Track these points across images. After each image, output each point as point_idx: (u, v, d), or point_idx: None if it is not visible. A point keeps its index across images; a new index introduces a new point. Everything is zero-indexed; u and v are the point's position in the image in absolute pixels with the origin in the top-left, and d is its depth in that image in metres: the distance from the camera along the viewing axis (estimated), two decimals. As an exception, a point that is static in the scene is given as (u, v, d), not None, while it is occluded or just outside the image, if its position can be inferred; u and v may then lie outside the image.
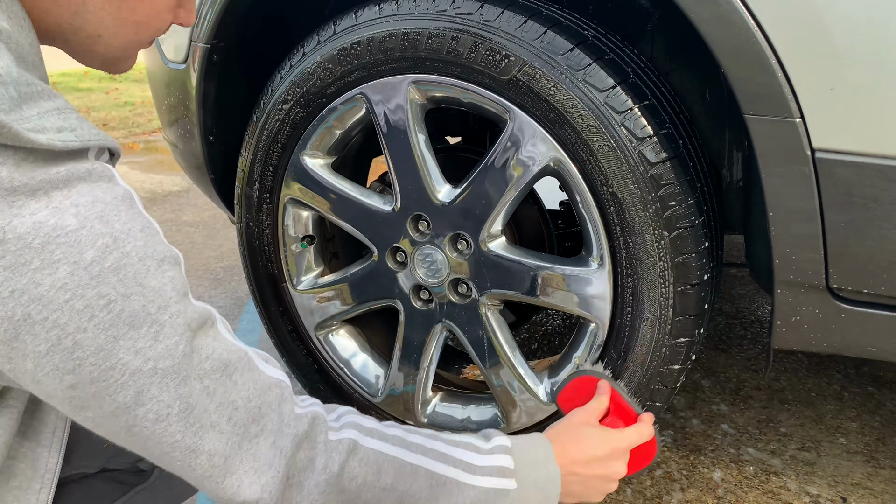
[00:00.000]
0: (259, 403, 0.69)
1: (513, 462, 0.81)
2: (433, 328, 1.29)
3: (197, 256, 2.68)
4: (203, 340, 0.66)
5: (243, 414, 0.68)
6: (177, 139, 1.53)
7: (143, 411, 0.62)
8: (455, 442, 0.81)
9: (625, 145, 1.03)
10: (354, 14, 1.18)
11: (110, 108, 6.08)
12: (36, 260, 0.56)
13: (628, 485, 1.37)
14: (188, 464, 0.65)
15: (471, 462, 0.79)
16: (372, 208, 1.26)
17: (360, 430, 0.76)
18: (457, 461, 0.79)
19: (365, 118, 1.24)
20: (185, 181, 3.67)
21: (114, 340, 0.59)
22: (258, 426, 0.69)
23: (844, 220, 0.94)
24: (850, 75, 0.89)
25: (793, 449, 1.47)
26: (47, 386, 0.60)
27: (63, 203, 0.57)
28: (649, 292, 1.08)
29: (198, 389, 0.64)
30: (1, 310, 0.56)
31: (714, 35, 0.93)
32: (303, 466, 0.71)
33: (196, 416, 0.64)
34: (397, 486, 0.75)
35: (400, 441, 0.78)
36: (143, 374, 0.61)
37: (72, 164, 0.59)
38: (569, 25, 1.07)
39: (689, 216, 1.05)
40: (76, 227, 0.57)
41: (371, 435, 0.76)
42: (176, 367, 0.63)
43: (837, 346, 1.04)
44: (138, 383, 0.61)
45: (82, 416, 0.63)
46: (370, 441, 0.75)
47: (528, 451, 0.84)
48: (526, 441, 0.86)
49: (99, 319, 0.58)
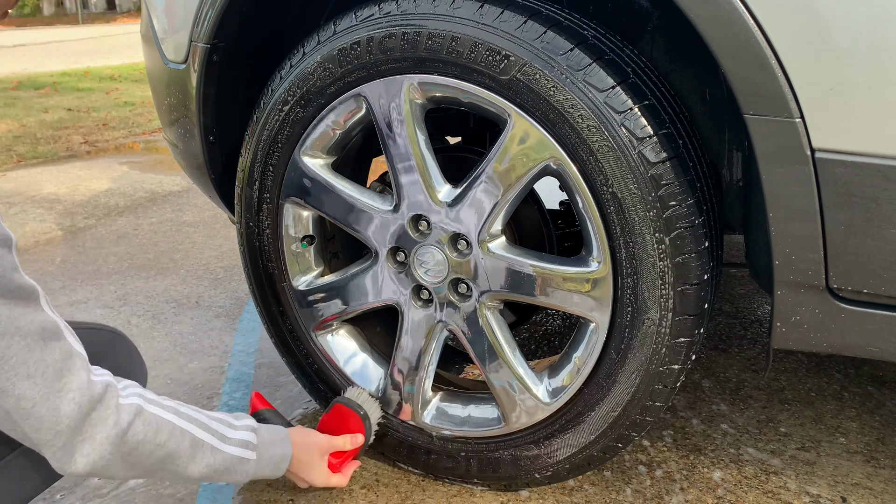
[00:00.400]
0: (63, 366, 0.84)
1: (256, 438, 1.06)
2: (433, 328, 1.29)
3: (197, 256, 2.68)
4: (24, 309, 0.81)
5: (52, 372, 0.83)
6: (177, 139, 1.53)
7: None
8: (213, 417, 1.02)
9: (625, 145, 1.03)
10: (354, 14, 1.18)
11: (110, 108, 6.08)
12: None
13: (628, 485, 1.37)
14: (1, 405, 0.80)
15: (223, 433, 1.01)
16: (372, 208, 1.26)
17: (143, 399, 0.93)
18: (213, 431, 1.00)
19: (365, 118, 1.24)
20: (185, 181, 3.67)
21: None
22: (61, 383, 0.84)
23: (844, 220, 0.94)
24: (850, 75, 0.89)
25: (793, 449, 1.47)
26: None
27: None
28: (649, 292, 1.08)
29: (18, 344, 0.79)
30: None
31: (714, 35, 0.93)
32: (96, 422, 0.86)
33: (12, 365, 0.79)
34: (168, 444, 0.93)
35: (174, 410, 0.96)
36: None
37: None
38: (568, 25, 1.07)
39: (689, 216, 1.05)
40: None
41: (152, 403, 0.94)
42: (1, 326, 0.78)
43: (837, 346, 1.04)
44: None
45: None
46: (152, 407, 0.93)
47: (270, 433, 1.11)
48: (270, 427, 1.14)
49: None
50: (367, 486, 1.39)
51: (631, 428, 1.20)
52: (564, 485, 1.38)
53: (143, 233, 2.95)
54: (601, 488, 1.37)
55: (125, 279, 2.47)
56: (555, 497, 1.35)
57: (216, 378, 1.82)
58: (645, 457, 1.45)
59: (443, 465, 1.36)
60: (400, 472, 1.43)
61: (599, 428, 1.21)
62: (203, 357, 1.93)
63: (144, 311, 2.22)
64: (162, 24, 1.47)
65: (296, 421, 1.62)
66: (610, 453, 1.24)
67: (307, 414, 1.64)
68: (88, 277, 2.49)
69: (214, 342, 2.01)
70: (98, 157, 4.38)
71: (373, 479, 1.41)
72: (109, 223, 3.08)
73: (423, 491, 1.38)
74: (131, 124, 5.35)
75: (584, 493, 1.36)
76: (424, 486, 1.39)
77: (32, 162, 4.22)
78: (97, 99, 6.57)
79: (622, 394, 1.16)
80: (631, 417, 1.18)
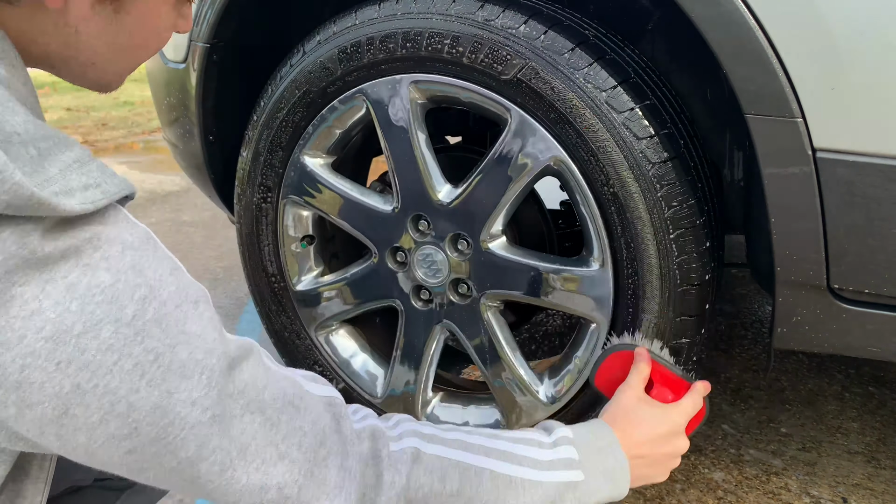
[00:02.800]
0: (322, 426, 0.67)
1: (577, 453, 0.79)
2: (433, 328, 1.28)
3: (197, 256, 2.67)
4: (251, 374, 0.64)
5: (311, 439, 0.66)
6: (177, 139, 1.53)
7: (206, 465, 0.59)
8: (516, 439, 0.79)
9: (626, 145, 1.03)
10: (354, 14, 1.18)
11: (110, 107, 6.08)
12: (77, 325, 0.52)
13: (629, 485, 1.37)
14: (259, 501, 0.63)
15: (535, 458, 0.77)
16: (372, 208, 1.26)
17: (420, 437, 0.74)
18: (521, 458, 0.76)
19: (365, 118, 1.23)
20: (185, 181, 3.66)
21: (168, 395, 0.56)
22: (325, 450, 0.67)
23: (845, 220, 0.94)
24: (851, 75, 0.89)
25: (794, 449, 1.47)
26: (103, 455, 0.56)
27: (92, 259, 0.54)
28: (650, 293, 1.08)
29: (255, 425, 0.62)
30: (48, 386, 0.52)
31: (715, 35, 0.93)
32: (372, 484, 0.69)
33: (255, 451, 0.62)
34: (463, 490, 0.72)
35: (461, 444, 0.76)
36: (202, 426, 0.58)
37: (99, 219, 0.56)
38: (570, 25, 1.07)
39: (690, 216, 1.05)
40: (111, 281, 0.54)
41: (432, 441, 0.74)
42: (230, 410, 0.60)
43: (838, 347, 1.04)
44: (199, 435, 0.58)
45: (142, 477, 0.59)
46: (431, 447, 0.73)
47: (592, 440, 0.82)
48: (587, 429, 0.83)
49: (151, 376, 0.55)
50: (367, 487, 1.39)
51: (632, 428, 1.19)
52: (565, 485, 1.37)
53: (143, 233, 2.94)
54: (602, 489, 1.36)
55: (125, 279, 2.46)
56: (555, 498, 1.34)
57: (216, 378, 1.81)
58: (645, 457, 1.45)
59: (443, 465, 1.36)
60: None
61: (600, 428, 1.20)
62: (203, 357, 1.92)
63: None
64: (162, 24, 1.47)
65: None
66: (610, 454, 1.24)
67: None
68: (88, 277, 2.48)
69: (214, 342, 2.00)
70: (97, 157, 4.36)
71: (373, 479, 1.41)
72: (109, 223, 3.07)
73: (423, 491, 1.37)
74: (131, 124, 5.35)
75: (584, 493, 1.35)
76: (425, 487, 1.38)
77: (32, 162, 4.21)
78: (97, 99, 6.57)
79: (623, 394, 1.16)
80: (632, 418, 1.18)
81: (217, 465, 0.60)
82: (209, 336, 0.60)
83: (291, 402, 0.66)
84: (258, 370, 0.64)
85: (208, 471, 0.59)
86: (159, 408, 0.55)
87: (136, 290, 0.55)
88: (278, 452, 0.63)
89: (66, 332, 0.52)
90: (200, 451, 0.58)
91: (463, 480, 0.72)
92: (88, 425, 0.54)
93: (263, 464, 0.62)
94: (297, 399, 0.67)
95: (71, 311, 0.52)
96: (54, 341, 0.51)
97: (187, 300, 0.59)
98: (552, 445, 0.80)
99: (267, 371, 0.66)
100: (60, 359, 0.52)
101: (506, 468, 0.75)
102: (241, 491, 0.62)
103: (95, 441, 0.55)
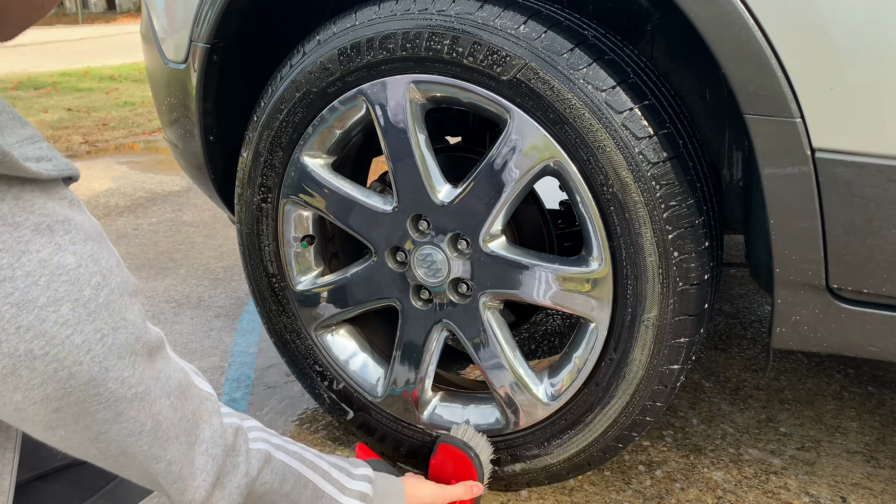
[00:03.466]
0: (199, 416, 0.78)
1: (372, 490, 1.00)
2: (433, 328, 1.29)
3: (197, 256, 2.68)
4: (163, 363, 0.73)
5: (193, 426, 0.77)
6: (177, 139, 1.53)
7: (117, 427, 0.68)
8: (333, 463, 0.98)
9: (625, 145, 1.03)
10: (354, 14, 1.18)
11: (110, 108, 6.08)
12: (42, 298, 0.59)
13: (628, 485, 1.37)
14: (147, 469, 0.73)
15: (343, 483, 0.97)
16: (372, 208, 1.26)
17: (270, 445, 0.89)
18: (334, 480, 0.96)
19: (365, 118, 1.24)
20: (185, 181, 3.67)
21: (104, 371, 0.64)
22: (201, 436, 0.78)
23: (844, 220, 0.94)
24: (850, 75, 0.89)
25: (793, 449, 1.47)
26: (30, 412, 0.62)
27: (63, 240, 0.60)
28: (649, 292, 1.08)
29: (166, 407, 0.72)
30: (5, 346, 0.58)
31: (714, 35, 0.93)
32: (228, 471, 0.81)
33: (164, 430, 0.72)
34: (292, 493, 0.89)
35: (299, 456, 0.92)
36: (125, 400, 0.67)
37: (59, 196, 0.62)
38: (569, 25, 1.07)
39: (689, 216, 1.05)
40: (75, 265, 0.61)
41: (279, 449, 0.90)
42: (148, 391, 0.69)
43: (837, 346, 1.04)
44: (119, 407, 0.66)
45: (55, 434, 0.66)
46: (279, 454, 0.89)
47: (385, 485, 1.05)
48: (385, 477, 1.07)
49: (94, 353, 0.62)
50: (367, 486, 1.39)
51: (631, 428, 1.20)
52: (564, 485, 1.38)
53: (143, 233, 2.95)
54: (601, 488, 1.37)
55: (125, 279, 2.47)
56: (555, 497, 1.35)
57: (216, 378, 1.82)
58: (645, 457, 1.45)
59: (443, 465, 1.37)
60: (400, 472, 1.43)
61: (599, 428, 1.21)
62: (203, 357, 1.93)
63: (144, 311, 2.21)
64: (162, 24, 1.47)
65: (294, 423, 1.62)
66: (610, 453, 1.24)
67: (307, 414, 1.64)
68: (88, 277, 2.49)
69: (214, 342, 2.01)
70: (98, 157, 4.38)
71: (373, 479, 1.41)
72: (109, 223, 3.08)
73: (423, 491, 1.38)
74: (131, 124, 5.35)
75: (584, 492, 1.36)
76: (424, 486, 1.39)
77: (32, 162, 4.21)
78: (97, 99, 6.57)
79: (622, 394, 1.16)
80: (631, 417, 1.18)
81: (126, 430, 0.69)
82: (139, 325, 0.68)
83: (186, 390, 0.76)
84: (168, 359, 0.74)
85: (118, 432, 0.68)
86: (94, 380, 0.63)
87: (93, 276, 0.62)
88: (175, 433, 0.74)
89: (31, 303, 0.58)
90: (117, 418, 0.67)
91: (295, 485, 0.89)
92: (29, 386, 0.60)
93: (166, 441, 0.73)
94: (188, 389, 0.76)
95: (39, 284, 0.58)
96: (18, 307, 0.57)
97: (127, 291, 0.67)
98: (356, 477, 1.00)
99: (172, 361, 0.76)
100: (21, 324, 0.58)
101: (323, 484, 0.93)
102: (137, 454, 0.71)
103: (30, 400, 0.61)
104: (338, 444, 1.53)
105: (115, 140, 4.85)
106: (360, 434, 1.45)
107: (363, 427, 1.43)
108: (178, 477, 0.76)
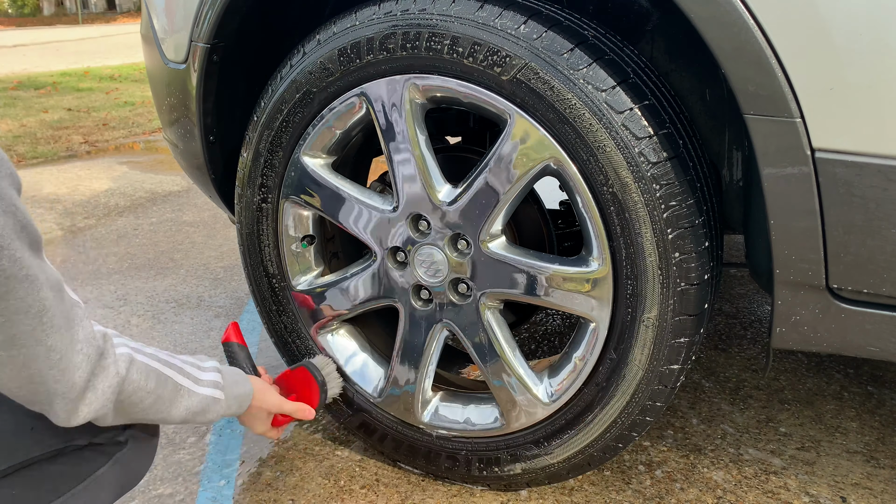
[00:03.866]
0: (73, 316, 0.85)
1: (222, 379, 1.10)
2: (433, 328, 1.29)
3: (197, 256, 2.68)
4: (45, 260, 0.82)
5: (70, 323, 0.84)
6: (177, 139, 1.53)
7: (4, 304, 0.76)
8: (185, 360, 1.07)
9: (625, 145, 1.03)
10: (354, 14, 1.18)
11: (110, 108, 6.08)
12: None
13: (628, 485, 1.37)
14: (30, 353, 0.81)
15: (196, 376, 1.06)
16: (372, 208, 1.26)
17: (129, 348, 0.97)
18: (188, 374, 1.05)
19: (365, 118, 1.24)
20: (185, 181, 3.67)
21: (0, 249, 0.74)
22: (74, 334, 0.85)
23: (844, 220, 0.94)
24: (850, 75, 0.89)
25: (792, 449, 1.47)
26: None
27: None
28: (649, 292, 1.08)
29: (50, 297, 0.81)
30: None
31: (714, 35, 0.93)
32: (98, 372, 0.89)
33: (49, 317, 0.81)
34: (156, 389, 0.97)
35: (156, 357, 1.01)
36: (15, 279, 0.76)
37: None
38: (569, 25, 1.07)
39: (689, 216, 1.05)
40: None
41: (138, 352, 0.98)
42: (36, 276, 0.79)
43: (837, 346, 1.04)
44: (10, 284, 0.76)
45: None
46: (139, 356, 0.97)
47: (232, 374, 1.15)
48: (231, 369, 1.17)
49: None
50: (367, 486, 1.39)
51: (631, 428, 1.20)
52: (564, 484, 1.38)
53: (143, 233, 2.95)
54: (601, 488, 1.37)
55: (125, 279, 2.47)
56: (555, 497, 1.35)
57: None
58: (645, 457, 1.45)
59: (443, 464, 1.37)
60: (400, 472, 1.43)
61: (599, 428, 1.21)
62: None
63: (144, 311, 2.22)
64: (162, 24, 1.47)
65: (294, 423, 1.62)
66: (610, 453, 1.24)
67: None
68: (88, 277, 2.49)
69: (214, 342, 2.00)
70: (98, 156, 4.38)
71: (373, 479, 1.41)
72: (109, 223, 3.08)
73: (423, 491, 1.38)
74: (131, 124, 5.35)
75: (584, 492, 1.36)
76: (424, 486, 1.39)
77: (32, 162, 4.22)
78: (97, 99, 6.57)
79: (622, 394, 1.16)
80: (631, 417, 1.18)
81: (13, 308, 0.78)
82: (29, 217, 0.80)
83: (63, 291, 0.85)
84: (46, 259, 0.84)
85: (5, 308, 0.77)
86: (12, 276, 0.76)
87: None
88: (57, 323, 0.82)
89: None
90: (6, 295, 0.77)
91: (157, 382, 0.98)
92: None
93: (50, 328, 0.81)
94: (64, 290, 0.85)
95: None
96: None
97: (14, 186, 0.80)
98: (206, 370, 1.09)
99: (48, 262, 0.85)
100: None
101: (180, 379, 1.02)
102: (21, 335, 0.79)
103: None
104: (338, 444, 1.53)
105: (116, 140, 4.85)
106: (360, 434, 1.45)
107: (363, 427, 1.43)
108: (56, 364, 0.83)
